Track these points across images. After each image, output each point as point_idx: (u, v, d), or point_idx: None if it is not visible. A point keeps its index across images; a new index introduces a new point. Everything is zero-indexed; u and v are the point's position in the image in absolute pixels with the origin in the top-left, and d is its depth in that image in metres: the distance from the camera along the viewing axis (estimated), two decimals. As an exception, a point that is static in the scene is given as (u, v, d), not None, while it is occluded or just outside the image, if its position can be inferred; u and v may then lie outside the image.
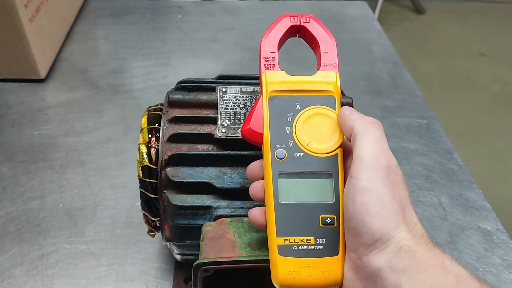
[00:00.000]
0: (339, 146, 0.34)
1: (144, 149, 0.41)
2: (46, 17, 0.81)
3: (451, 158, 0.70)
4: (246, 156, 0.40)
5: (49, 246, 0.54)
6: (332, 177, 0.34)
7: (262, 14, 1.07)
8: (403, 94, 0.83)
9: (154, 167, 0.41)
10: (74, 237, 0.55)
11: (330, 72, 0.36)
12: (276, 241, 0.33)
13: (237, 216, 0.40)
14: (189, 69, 0.87)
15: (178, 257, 0.46)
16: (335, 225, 0.33)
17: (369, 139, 0.31)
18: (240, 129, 0.38)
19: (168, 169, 0.40)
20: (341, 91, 0.38)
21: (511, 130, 1.79)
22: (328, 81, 0.36)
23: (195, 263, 0.35)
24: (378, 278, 0.29)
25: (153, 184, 0.41)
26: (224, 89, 0.43)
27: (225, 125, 0.41)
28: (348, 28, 1.04)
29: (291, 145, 0.34)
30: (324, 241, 0.33)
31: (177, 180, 0.40)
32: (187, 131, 0.41)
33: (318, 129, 0.35)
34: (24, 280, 0.50)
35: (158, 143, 0.41)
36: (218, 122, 0.41)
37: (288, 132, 0.35)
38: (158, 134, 0.41)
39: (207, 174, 0.40)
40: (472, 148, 1.67)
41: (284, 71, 0.36)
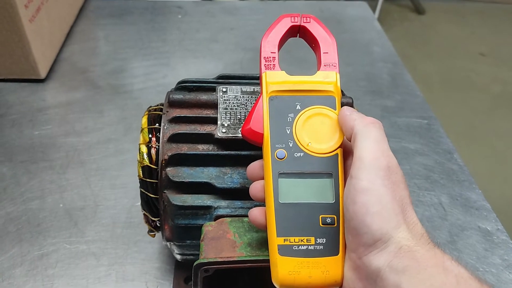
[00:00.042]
0: (339, 146, 0.34)
1: (144, 149, 0.41)
2: (46, 17, 0.81)
3: (451, 158, 0.70)
4: (246, 156, 0.40)
5: (49, 246, 0.54)
6: (332, 177, 0.34)
7: (262, 14, 1.07)
8: (403, 94, 0.83)
9: (154, 167, 0.41)
10: (74, 237, 0.55)
11: (330, 72, 0.36)
12: (276, 241, 0.33)
13: (237, 216, 0.40)
14: (189, 69, 0.87)
15: (178, 257, 0.46)
16: (335, 225, 0.33)
17: (370, 139, 0.31)
18: (240, 129, 0.38)
19: (168, 169, 0.40)
20: (341, 91, 0.38)
21: (511, 130, 1.79)
22: (328, 81, 0.36)
23: (195, 263, 0.35)
24: (378, 278, 0.29)
25: (153, 184, 0.41)
26: (224, 89, 0.43)
27: (226, 125, 0.41)
28: (348, 28, 1.04)
29: (291, 145, 0.34)
30: (324, 241, 0.33)
31: (177, 180, 0.40)
32: (188, 131, 0.41)
33: (318, 129, 0.35)
34: (24, 280, 0.50)
35: (159, 143, 0.41)
36: (218, 122, 0.41)
37: (288, 132, 0.35)
38: (158, 134, 0.41)
39: (207, 174, 0.40)
40: (472, 148, 1.67)
41: (284, 71, 0.36)
